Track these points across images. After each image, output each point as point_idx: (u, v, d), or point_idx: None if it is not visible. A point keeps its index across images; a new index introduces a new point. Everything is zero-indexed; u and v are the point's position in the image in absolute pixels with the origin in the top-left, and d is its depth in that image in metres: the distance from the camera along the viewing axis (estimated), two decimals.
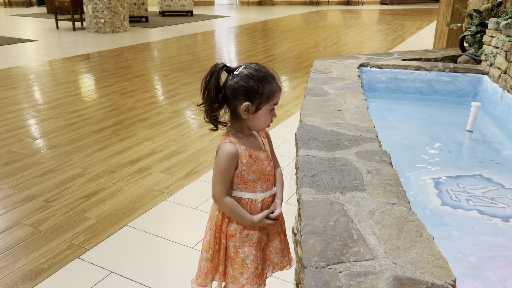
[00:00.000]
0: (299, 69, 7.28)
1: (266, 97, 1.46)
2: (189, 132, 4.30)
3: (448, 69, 4.32)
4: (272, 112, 1.52)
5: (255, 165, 1.54)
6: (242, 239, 1.58)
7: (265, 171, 1.57)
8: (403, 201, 1.74)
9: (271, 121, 1.54)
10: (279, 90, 1.51)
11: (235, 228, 1.58)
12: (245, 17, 15.70)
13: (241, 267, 1.60)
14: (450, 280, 1.29)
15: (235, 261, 1.60)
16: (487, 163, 3.16)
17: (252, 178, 1.54)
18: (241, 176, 1.53)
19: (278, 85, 1.50)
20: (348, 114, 2.83)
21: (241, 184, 1.54)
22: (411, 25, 14.00)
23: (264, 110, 1.48)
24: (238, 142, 1.52)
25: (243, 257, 1.59)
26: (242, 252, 1.59)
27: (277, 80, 1.50)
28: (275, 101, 1.50)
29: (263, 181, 1.57)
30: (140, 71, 6.94)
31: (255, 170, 1.54)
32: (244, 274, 1.60)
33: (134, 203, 2.96)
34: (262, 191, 1.57)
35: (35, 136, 4.17)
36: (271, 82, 1.47)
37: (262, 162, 1.56)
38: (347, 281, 1.28)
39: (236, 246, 1.59)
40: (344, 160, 2.12)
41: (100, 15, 10.58)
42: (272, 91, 1.47)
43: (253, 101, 1.45)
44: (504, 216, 2.46)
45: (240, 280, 1.61)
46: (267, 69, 1.50)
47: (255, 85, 1.44)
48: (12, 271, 2.28)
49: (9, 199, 2.99)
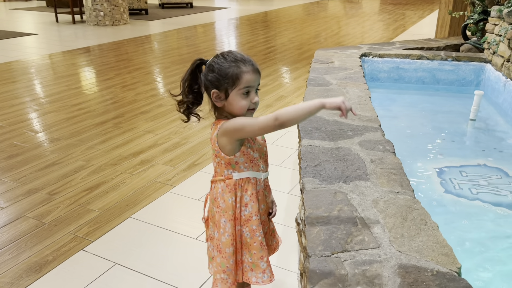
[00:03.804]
0: (300, 60, 7.25)
1: (232, 82, 1.44)
2: (190, 124, 4.29)
3: (451, 58, 4.29)
4: (249, 96, 1.46)
5: (256, 143, 1.56)
6: (257, 221, 1.54)
7: (262, 151, 1.58)
8: (407, 189, 1.74)
9: (253, 106, 1.47)
10: (250, 72, 1.44)
11: (249, 212, 1.54)
12: (245, 8, 15.60)
13: (259, 250, 1.55)
14: (456, 268, 1.29)
15: (253, 246, 1.55)
16: (490, 152, 3.15)
17: (256, 156, 1.55)
18: (247, 154, 1.52)
19: (247, 67, 1.44)
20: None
21: (248, 163, 1.53)
22: (412, 15, 13.90)
23: (234, 95, 1.45)
24: None
25: (260, 240, 1.55)
26: (260, 234, 1.55)
27: (246, 63, 1.45)
28: (245, 84, 1.44)
29: (263, 160, 1.58)
30: (141, 63, 6.92)
31: (257, 148, 1.55)
32: (264, 258, 1.56)
33: (137, 195, 2.97)
34: (264, 170, 1.59)
35: (37, 129, 4.16)
36: (236, 66, 1.44)
37: (258, 142, 1.57)
38: (352, 269, 1.28)
39: (253, 230, 1.55)
40: (347, 150, 2.11)
41: (100, 7, 10.52)
42: (238, 75, 1.43)
43: (220, 87, 1.46)
44: (508, 204, 2.45)
45: (260, 265, 1.56)
46: (235, 54, 1.47)
47: (218, 71, 1.45)
48: (16, 264, 2.29)
49: (12, 192, 3.00)
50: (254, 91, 1.47)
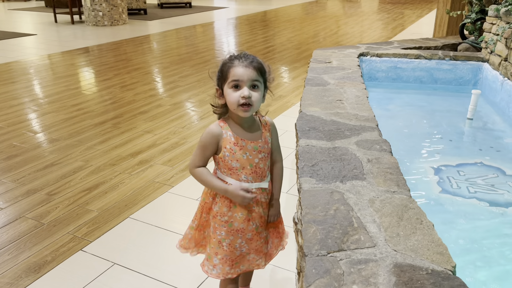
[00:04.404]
0: (299, 60, 7.26)
1: (224, 77, 1.50)
2: (189, 124, 4.30)
3: (448, 57, 4.31)
4: (238, 89, 1.47)
5: (240, 154, 1.55)
6: (221, 222, 1.62)
7: (251, 162, 1.57)
8: (403, 189, 1.75)
9: (243, 100, 1.47)
10: (239, 66, 1.46)
11: (217, 210, 1.63)
12: (244, 7, 15.61)
13: (216, 247, 1.65)
14: (450, 266, 1.30)
15: (212, 241, 1.65)
16: (487, 151, 3.16)
17: (236, 166, 1.56)
18: (224, 161, 1.56)
19: (238, 62, 1.47)
20: (348, 104, 2.83)
21: (226, 169, 1.58)
22: (411, 14, 13.91)
23: (225, 89, 1.50)
24: (227, 127, 1.55)
25: (219, 239, 1.63)
26: (220, 234, 1.63)
27: (241, 59, 1.48)
28: (232, 77, 1.46)
29: (249, 172, 1.58)
30: (140, 63, 6.93)
31: (239, 159, 1.55)
32: (218, 255, 1.65)
33: (136, 195, 2.98)
34: (247, 181, 1.59)
35: (36, 130, 4.17)
36: (229, 61, 1.50)
37: (249, 153, 1.56)
38: (348, 268, 1.29)
39: (215, 227, 1.64)
40: (344, 150, 2.12)
41: (99, 8, 10.53)
42: (228, 69, 1.48)
43: (218, 84, 1.54)
44: (505, 203, 2.47)
45: (213, 260, 1.66)
46: (240, 53, 1.52)
47: (218, 70, 1.53)
48: (16, 264, 2.30)
49: (11, 192, 3.01)
50: (246, 86, 1.47)
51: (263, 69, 1.52)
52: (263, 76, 1.52)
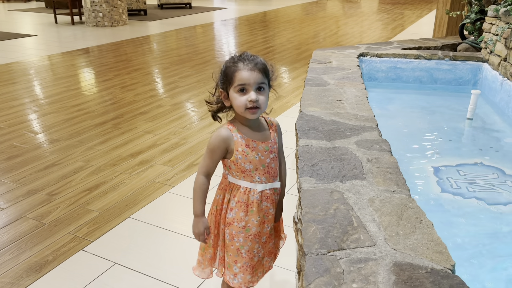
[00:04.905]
0: (299, 60, 7.27)
1: (229, 80, 1.49)
2: (189, 125, 4.31)
3: (448, 57, 4.31)
4: (244, 93, 1.47)
5: (252, 155, 1.55)
6: (238, 229, 1.60)
7: (264, 163, 1.57)
8: (402, 188, 1.76)
9: (250, 105, 1.47)
10: (245, 69, 1.46)
11: (233, 216, 1.60)
12: (244, 8, 15.62)
13: (235, 255, 1.62)
14: (449, 265, 1.31)
15: (230, 249, 1.63)
16: (487, 151, 3.17)
17: (249, 167, 1.55)
18: (238, 164, 1.55)
19: (243, 65, 1.47)
20: (348, 104, 2.84)
21: (239, 172, 1.56)
22: (410, 14, 13.92)
23: (231, 93, 1.50)
24: (236, 130, 1.54)
25: (238, 246, 1.61)
26: (238, 241, 1.61)
27: (245, 61, 1.48)
28: (239, 81, 1.46)
29: (262, 172, 1.58)
30: (140, 64, 6.93)
31: (252, 160, 1.55)
32: (237, 263, 1.63)
33: (136, 195, 2.98)
34: (261, 182, 1.58)
35: (36, 130, 4.18)
36: (233, 65, 1.49)
37: (260, 153, 1.56)
38: (348, 267, 1.30)
39: (232, 234, 1.61)
40: (344, 149, 2.13)
41: (99, 8, 10.54)
42: (233, 73, 1.47)
43: (223, 87, 1.53)
44: (504, 202, 2.47)
45: (233, 268, 1.64)
46: (242, 54, 1.52)
47: (222, 72, 1.53)
48: (17, 264, 2.31)
49: (12, 193, 3.02)
50: (252, 89, 1.47)
51: (267, 70, 1.53)
52: (267, 77, 1.53)
